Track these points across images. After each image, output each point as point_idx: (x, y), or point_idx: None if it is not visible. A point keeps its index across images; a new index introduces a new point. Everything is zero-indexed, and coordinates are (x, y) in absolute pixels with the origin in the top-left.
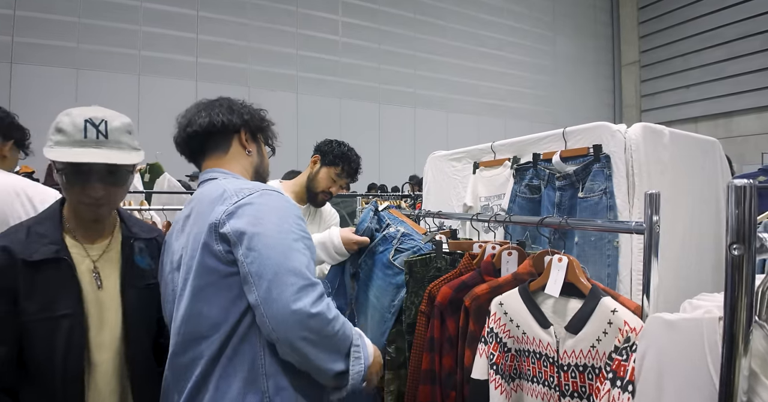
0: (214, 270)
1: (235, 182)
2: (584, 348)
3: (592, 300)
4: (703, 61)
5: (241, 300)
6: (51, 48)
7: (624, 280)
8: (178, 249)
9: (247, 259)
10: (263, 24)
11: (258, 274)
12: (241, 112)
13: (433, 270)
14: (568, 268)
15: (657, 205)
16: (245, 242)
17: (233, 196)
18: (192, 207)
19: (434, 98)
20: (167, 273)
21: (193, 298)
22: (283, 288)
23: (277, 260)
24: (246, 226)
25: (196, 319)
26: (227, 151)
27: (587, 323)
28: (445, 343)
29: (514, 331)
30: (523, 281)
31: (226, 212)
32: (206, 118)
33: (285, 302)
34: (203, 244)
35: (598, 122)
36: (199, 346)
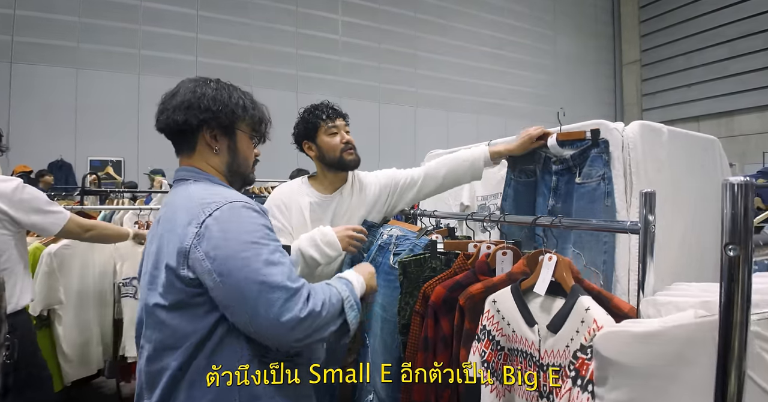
0: (181, 290)
1: (202, 191)
2: (561, 347)
3: (572, 298)
4: (705, 59)
5: (212, 313)
6: (51, 47)
7: (621, 280)
8: (150, 254)
9: (224, 286)
10: (263, 23)
11: (239, 298)
12: (204, 107)
13: (428, 270)
14: (556, 267)
15: (652, 204)
16: (218, 269)
17: (200, 214)
18: (163, 212)
19: (435, 97)
20: (143, 275)
21: (161, 309)
22: (270, 304)
23: (256, 279)
24: (216, 252)
25: (166, 329)
26: (194, 149)
27: (566, 322)
28: (439, 342)
29: (506, 329)
30: (517, 280)
31: (196, 236)
32: (164, 117)
33: (274, 317)
34: (168, 266)
35: (595, 120)
36: (169, 355)
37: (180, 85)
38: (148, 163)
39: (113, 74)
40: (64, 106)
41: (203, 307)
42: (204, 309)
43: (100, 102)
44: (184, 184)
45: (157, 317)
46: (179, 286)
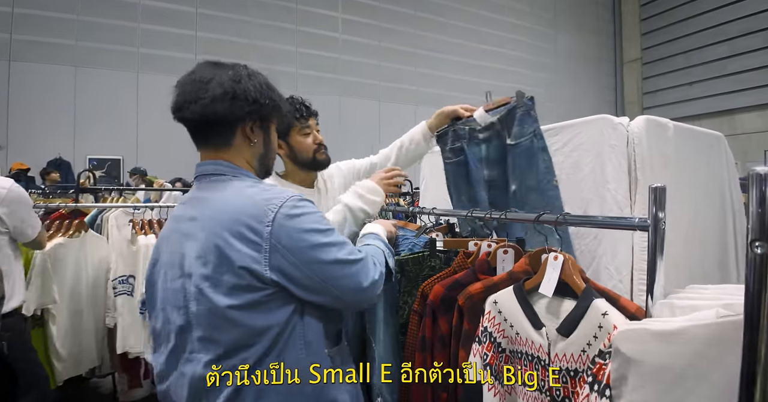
0: (259, 289)
1: (253, 188)
2: (575, 352)
3: (584, 301)
4: (705, 58)
5: (285, 306)
6: (49, 45)
7: (624, 279)
8: (189, 254)
9: (312, 273)
10: (263, 21)
11: (327, 279)
12: (251, 99)
13: (426, 269)
14: (563, 266)
15: (662, 200)
16: (302, 259)
17: (267, 212)
18: (200, 209)
19: (435, 96)
20: (175, 277)
21: (233, 310)
22: (353, 276)
23: (337, 260)
24: (297, 245)
25: (240, 328)
26: (230, 142)
27: (578, 326)
28: (437, 342)
29: (509, 331)
30: (519, 280)
31: (272, 235)
32: (198, 107)
33: (358, 286)
34: (246, 268)
35: (599, 115)
36: (242, 354)
37: (208, 72)
38: (147, 161)
39: (112, 72)
40: (63, 104)
41: (277, 301)
42: (278, 303)
43: (98, 100)
44: (221, 181)
45: (229, 317)
46: (259, 285)
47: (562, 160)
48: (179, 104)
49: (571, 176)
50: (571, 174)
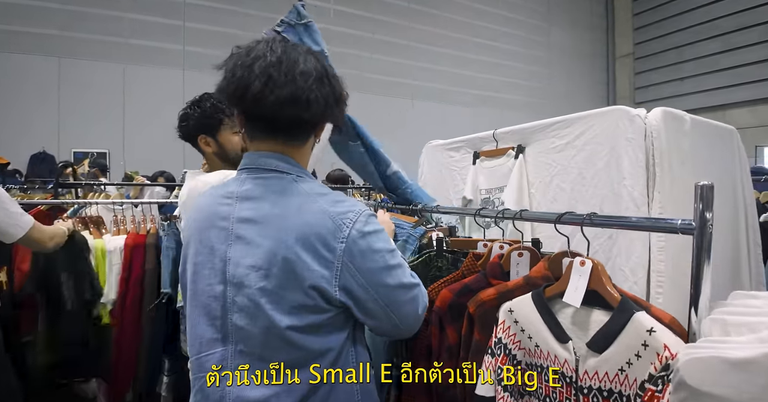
0: (322, 310)
1: (323, 195)
2: (610, 370)
3: (622, 314)
4: (698, 53)
5: (344, 328)
6: (32, 35)
7: (640, 281)
8: (238, 262)
9: (378, 296)
10: (253, 11)
11: (391, 304)
12: (344, 103)
13: (433, 269)
14: (592, 273)
15: (710, 199)
16: (372, 281)
17: (343, 227)
18: (258, 210)
19: (430, 89)
20: (213, 282)
21: (293, 331)
22: (414, 301)
23: (401, 284)
24: (370, 265)
25: (297, 350)
26: (305, 141)
27: (615, 342)
28: (444, 353)
29: (526, 343)
30: (537, 286)
31: (346, 253)
32: (318, 109)
33: (416, 310)
34: (315, 286)
35: (615, 106)
36: (297, 375)
37: (293, 53)
38: (135, 154)
39: (97, 63)
40: (47, 96)
41: (336, 324)
42: (336, 326)
43: (83, 92)
44: (284, 179)
45: (287, 338)
46: (325, 307)
47: (574, 154)
48: (286, 98)
49: (583, 171)
50: (584, 169)
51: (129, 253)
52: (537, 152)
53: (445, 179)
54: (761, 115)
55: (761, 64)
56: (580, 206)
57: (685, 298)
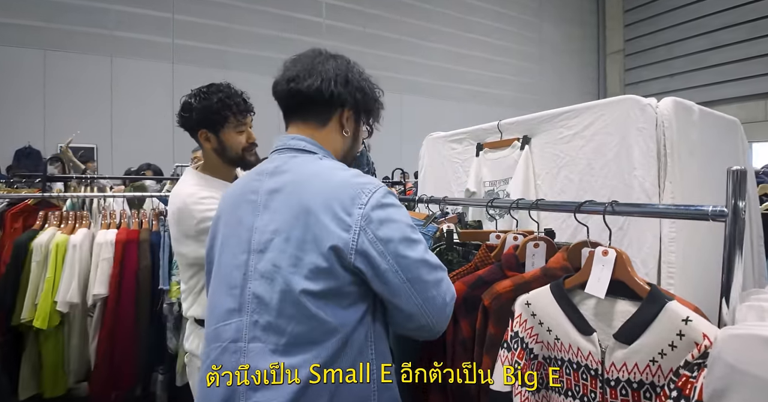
0: (339, 276)
1: (345, 170)
2: (640, 361)
3: (653, 304)
4: (687, 50)
5: (360, 305)
6: (16, 27)
7: (651, 273)
8: (263, 229)
9: (402, 267)
10: (243, 4)
11: (416, 278)
12: (357, 88)
13: (444, 263)
14: (616, 262)
15: (743, 186)
16: (392, 250)
17: (361, 194)
18: (285, 181)
19: (420, 84)
20: (237, 253)
21: (309, 296)
22: (439, 284)
23: (425, 260)
24: (389, 233)
25: (311, 320)
26: (326, 124)
27: (646, 332)
28: (458, 346)
29: (544, 336)
30: (556, 277)
31: (363, 217)
32: (316, 82)
33: (443, 296)
34: (334, 247)
35: (626, 95)
36: (309, 350)
37: (321, 56)
38: (123, 149)
39: (84, 56)
40: (32, 89)
41: (350, 298)
42: (349, 300)
43: (70, 85)
44: (311, 157)
45: (302, 304)
46: (339, 271)
47: (583, 144)
48: (290, 77)
49: (593, 162)
50: (593, 159)
51: (121, 248)
52: (543, 143)
53: (447, 172)
54: (750, 111)
55: (748, 62)
56: (588, 198)
57: (695, 289)
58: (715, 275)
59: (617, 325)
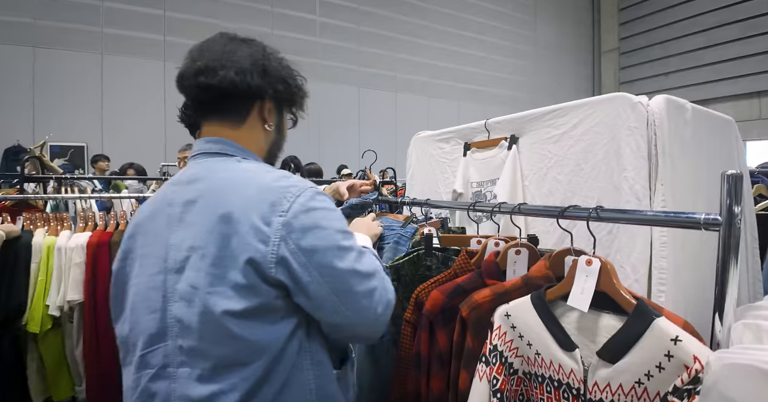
0: (263, 292)
1: (269, 173)
2: (625, 383)
3: (639, 320)
4: (682, 48)
5: (291, 318)
6: (3, 24)
7: (641, 279)
8: (179, 245)
9: (324, 280)
10: (236, 1)
11: (341, 292)
12: (277, 77)
13: (422, 268)
14: (600, 273)
15: (739, 191)
16: (316, 261)
17: (282, 200)
18: (200, 190)
19: (415, 82)
20: (153, 272)
21: (231, 317)
22: (372, 294)
23: (355, 270)
24: (314, 243)
25: (236, 342)
26: (244, 120)
27: (631, 351)
28: (434, 360)
29: (524, 350)
30: (538, 287)
31: (284, 226)
32: (229, 74)
33: (375, 306)
34: (251, 260)
35: (616, 93)
36: (235, 374)
37: (232, 43)
38: (113, 148)
39: (74, 53)
40: (21, 87)
41: (279, 312)
42: (280, 314)
43: (60, 82)
44: (228, 161)
45: (224, 326)
46: (262, 287)
47: (571, 144)
48: (199, 69)
49: (581, 163)
50: (582, 160)
51: (92, 252)
52: (531, 143)
53: (434, 172)
54: (743, 109)
55: (742, 60)
56: (577, 200)
57: (688, 296)
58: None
59: (601, 341)
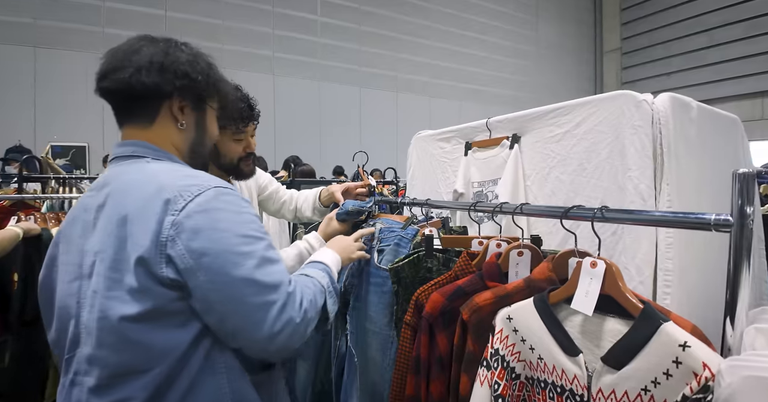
0: (158, 294)
1: (173, 171)
2: (631, 390)
3: (646, 324)
4: (684, 48)
5: (195, 321)
6: (4, 24)
7: (646, 281)
8: (90, 251)
9: (213, 287)
10: (237, 1)
11: (231, 302)
12: (176, 73)
13: (423, 270)
14: (605, 275)
15: (750, 191)
16: (206, 266)
17: (178, 199)
18: (108, 194)
19: (416, 82)
20: (71, 279)
21: (127, 321)
22: (268, 308)
23: (251, 279)
24: (204, 245)
25: (134, 347)
26: (153, 120)
27: (637, 357)
28: (434, 364)
29: (527, 355)
30: (540, 290)
31: (174, 225)
32: (125, 75)
33: (271, 323)
34: (141, 260)
35: (620, 91)
36: (133, 382)
37: (139, 43)
38: None
39: (75, 53)
40: (21, 86)
41: (181, 315)
42: (182, 318)
43: (60, 83)
44: (138, 162)
45: (122, 332)
46: (156, 289)
47: (574, 143)
48: (102, 73)
49: (585, 162)
50: (585, 159)
51: None
52: (534, 142)
53: (435, 172)
54: (747, 110)
55: (745, 60)
56: (580, 200)
57: (695, 298)
58: (717, 283)
59: (606, 346)
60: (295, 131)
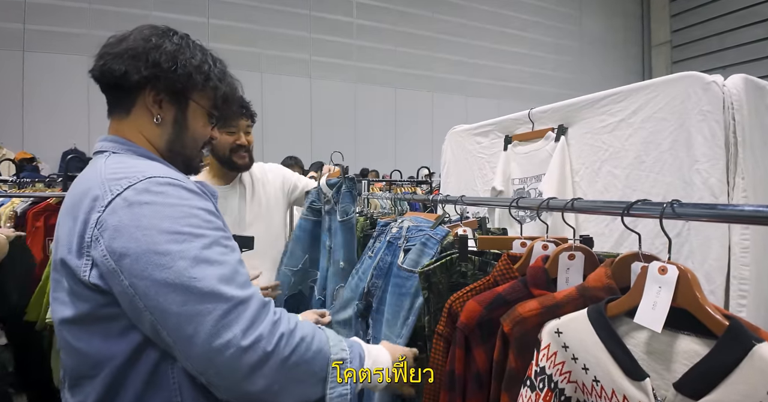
0: (86, 298)
1: (115, 164)
2: None
3: (734, 345)
4: (740, 40)
5: (132, 332)
6: None
7: (717, 290)
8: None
9: (139, 291)
10: (274, 6)
11: (160, 308)
12: (153, 61)
13: (456, 275)
14: (678, 284)
15: None
16: (127, 269)
17: (106, 194)
18: (67, 197)
19: (453, 82)
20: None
21: (66, 325)
22: (200, 320)
23: (182, 284)
24: (125, 245)
25: (75, 354)
26: (128, 112)
27: (722, 384)
28: (471, 381)
29: (578, 375)
30: (597, 300)
31: (99, 224)
32: (101, 63)
33: (206, 338)
34: (63, 263)
35: (686, 72)
36: (85, 387)
37: (134, 30)
38: None
39: (61, 56)
40: (10, 91)
41: (117, 323)
42: (119, 326)
43: (51, 87)
44: (99, 158)
45: (63, 335)
46: (85, 292)
47: (630, 133)
48: (95, 60)
49: (642, 154)
50: (643, 151)
51: None
52: (583, 133)
53: (471, 169)
54: None
55: None
56: (637, 197)
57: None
58: None
59: (679, 369)
60: (331, 133)
